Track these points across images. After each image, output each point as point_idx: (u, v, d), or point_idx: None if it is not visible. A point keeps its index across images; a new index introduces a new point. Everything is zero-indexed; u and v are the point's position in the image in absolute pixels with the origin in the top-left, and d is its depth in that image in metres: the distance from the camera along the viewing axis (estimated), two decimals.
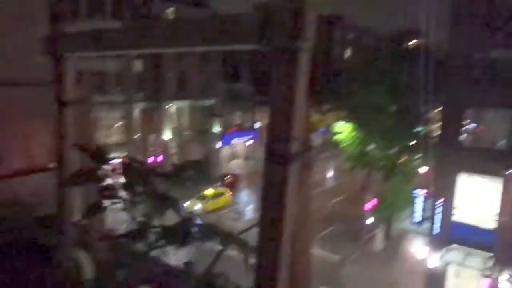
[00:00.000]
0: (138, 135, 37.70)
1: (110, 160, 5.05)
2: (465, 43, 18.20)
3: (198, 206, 30.45)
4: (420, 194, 21.63)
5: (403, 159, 27.32)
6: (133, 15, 35.76)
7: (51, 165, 7.35)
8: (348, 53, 60.64)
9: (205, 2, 45.54)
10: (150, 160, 38.35)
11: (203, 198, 31.25)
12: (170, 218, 4.72)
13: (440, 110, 21.62)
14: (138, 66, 36.90)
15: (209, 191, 32.09)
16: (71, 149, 5.60)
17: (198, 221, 4.63)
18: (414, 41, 60.64)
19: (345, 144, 29.36)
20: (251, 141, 48.60)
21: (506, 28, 17.02)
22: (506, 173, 16.41)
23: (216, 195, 32.27)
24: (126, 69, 35.99)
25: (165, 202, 4.40)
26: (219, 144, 44.35)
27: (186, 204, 30.06)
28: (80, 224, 6.58)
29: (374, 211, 26.47)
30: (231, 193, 33.99)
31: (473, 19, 17.94)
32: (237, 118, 47.38)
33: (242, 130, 47.36)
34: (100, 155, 4.33)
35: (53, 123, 6.45)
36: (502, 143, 17.70)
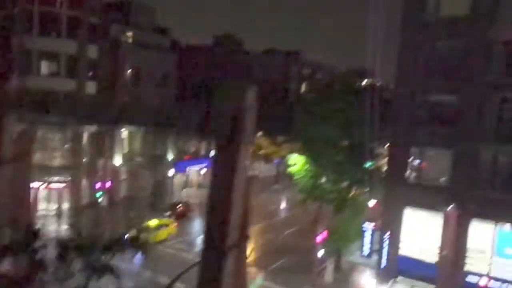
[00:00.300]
0: (86, 158, 36.11)
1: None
2: (410, 85, 19.45)
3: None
4: (369, 227, 22.17)
5: (353, 192, 28.11)
6: (90, 36, 35.01)
7: None
8: (303, 87, 62.72)
9: (165, 30, 45.73)
10: (98, 185, 36.69)
11: (146, 229, 29.62)
12: None
13: (388, 146, 22.67)
14: (91, 87, 35.87)
15: (153, 222, 30.75)
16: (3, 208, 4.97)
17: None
18: (365, 80, 64.09)
19: (298, 176, 29.81)
20: (205, 170, 48.08)
21: (446, 74, 18.44)
22: (447, 209, 17.31)
23: (160, 226, 30.86)
24: (79, 89, 34.84)
25: (103, 272, 4.12)
26: (172, 172, 43.43)
27: (127, 235, 28.73)
28: None
29: (325, 243, 26.73)
30: (176, 224, 32.53)
31: (417, 63, 19.30)
32: (191, 145, 46.88)
33: (197, 158, 46.83)
34: (32, 234, 3.90)
35: None
36: (443, 180, 18.74)
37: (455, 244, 17.20)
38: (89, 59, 35.40)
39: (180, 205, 36.97)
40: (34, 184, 33.81)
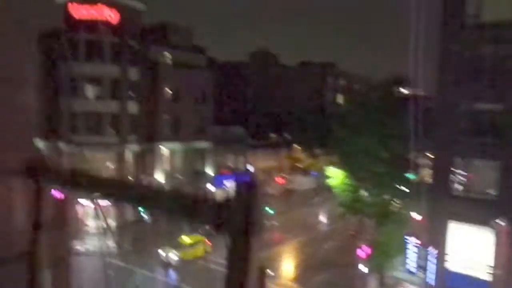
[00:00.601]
0: (129, 176, 37.46)
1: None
2: (452, 94, 18.85)
3: (173, 255, 28.62)
4: (413, 241, 21.45)
5: (395, 205, 27.31)
6: (131, 59, 36.69)
7: None
8: (340, 98, 62.10)
9: (202, 49, 47.05)
10: None
11: (180, 246, 29.10)
12: None
13: (431, 157, 21.97)
14: (133, 107, 37.41)
15: (186, 239, 30.03)
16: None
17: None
18: (405, 88, 62.49)
19: (337, 190, 29.38)
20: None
21: (491, 82, 17.73)
22: (497, 224, 16.46)
23: (195, 243, 29.99)
24: (121, 111, 36.45)
25: None
26: (211, 187, 44.12)
27: (160, 252, 28.66)
28: None
29: (367, 258, 26.06)
30: (210, 242, 30.87)
31: (459, 70, 18.69)
32: (230, 160, 47.50)
33: (235, 173, 47.32)
34: None
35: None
36: (491, 193, 17.88)
37: (509, 263, 16.25)
38: (131, 81, 37.04)
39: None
40: (82, 202, 35.58)
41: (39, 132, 35.36)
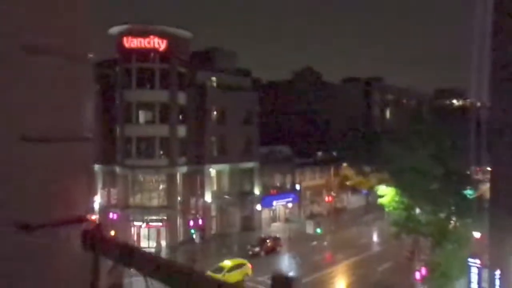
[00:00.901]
0: (180, 198, 38.45)
1: None
2: (508, 105, 17.77)
3: None
4: (475, 263, 20.04)
5: (453, 224, 25.80)
6: (180, 85, 38.20)
7: None
8: (387, 113, 60.46)
9: (247, 71, 48.05)
10: (191, 222, 38.63)
11: (219, 270, 28.54)
12: None
13: (489, 172, 20.67)
14: (182, 130, 38.68)
15: (226, 263, 29.64)
16: None
17: None
18: (456, 101, 59.76)
19: (389, 208, 28.32)
20: (291, 203, 48.00)
21: None
22: None
23: (235, 267, 29.44)
24: (171, 134, 37.79)
25: None
26: (259, 207, 44.14)
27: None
28: None
29: (425, 280, 24.66)
30: (251, 265, 30.50)
31: None
32: (277, 180, 47.40)
33: (283, 193, 47.10)
34: None
35: None
36: None
37: None
38: (179, 105, 38.45)
39: (268, 240, 37.17)
40: (136, 223, 36.88)
41: (96, 157, 37.45)
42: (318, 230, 40.43)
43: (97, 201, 38.60)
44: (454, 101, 56.31)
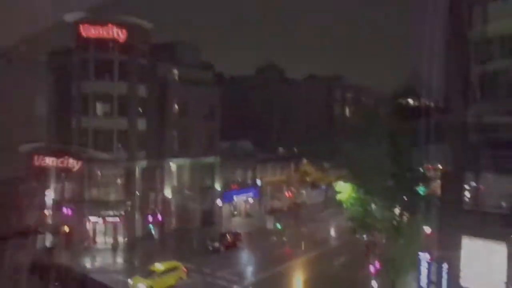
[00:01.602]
0: (138, 192, 37.55)
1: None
2: (461, 106, 18.70)
3: (142, 285, 25.97)
4: (425, 257, 21.03)
5: (405, 220, 26.89)
6: (140, 77, 37.13)
7: None
8: (347, 112, 62.00)
9: (209, 65, 47.51)
10: (150, 218, 37.87)
11: (151, 273, 26.79)
12: None
13: (440, 169, 21.71)
14: (142, 124, 37.70)
15: (158, 266, 27.37)
16: None
17: None
18: (414, 100, 62.26)
19: (346, 204, 29.06)
20: (252, 199, 48.24)
21: (498, 94, 17.59)
22: (511, 238, 16.11)
23: (168, 271, 27.31)
24: (130, 127, 36.74)
25: None
26: (220, 202, 44.01)
27: (129, 281, 26.58)
28: None
29: (379, 274, 25.61)
30: (185, 268, 28.44)
31: (467, 83, 18.57)
32: (238, 175, 47.41)
33: (243, 188, 47.20)
34: None
35: None
36: (504, 206, 17.54)
37: None
38: (139, 98, 37.43)
39: (228, 235, 37.19)
40: (92, 219, 35.66)
41: (51, 150, 35.79)
42: (278, 225, 40.93)
43: (50, 195, 36.97)
44: (410, 100, 58.52)
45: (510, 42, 17.31)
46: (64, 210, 35.55)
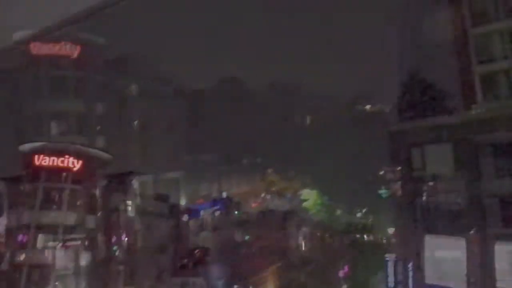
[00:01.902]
0: (100, 213, 36.07)
1: None
2: (412, 112, 19.47)
3: None
4: (391, 257, 21.48)
5: (370, 222, 27.53)
6: (96, 93, 36.03)
7: None
8: (308, 120, 63.10)
9: (168, 79, 46.95)
10: (113, 239, 36.43)
11: None
12: None
13: (400, 171, 22.36)
14: (100, 141, 36.46)
15: None
16: None
17: None
18: (372, 106, 64.36)
19: (312, 211, 29.40)
20: (218, 211, 47.67)
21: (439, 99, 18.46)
22: (468, 233, 16.77)
23: None
24: (89, 145, 35.39)
25: None
26: (186, 217, 43.13)
27: None
28: None
29: (348, 277, 25.94)
30: None
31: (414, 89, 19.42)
32: (203, 189, 46.82)
33: (209, 201, 46.58)
34: None
35: None
36: (461, 203, 18.27)
37: (482, 270, 16.50)
38: (97, 115, 36.25)
39: (196, 251, 36.45)
40: (51, 244, 33.79)
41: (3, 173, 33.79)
42: (246, 237, 40.64)
43: (3, 223, 34.75)
44: (369, 106, 60.39)
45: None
46: (19, 237, 33.50)
